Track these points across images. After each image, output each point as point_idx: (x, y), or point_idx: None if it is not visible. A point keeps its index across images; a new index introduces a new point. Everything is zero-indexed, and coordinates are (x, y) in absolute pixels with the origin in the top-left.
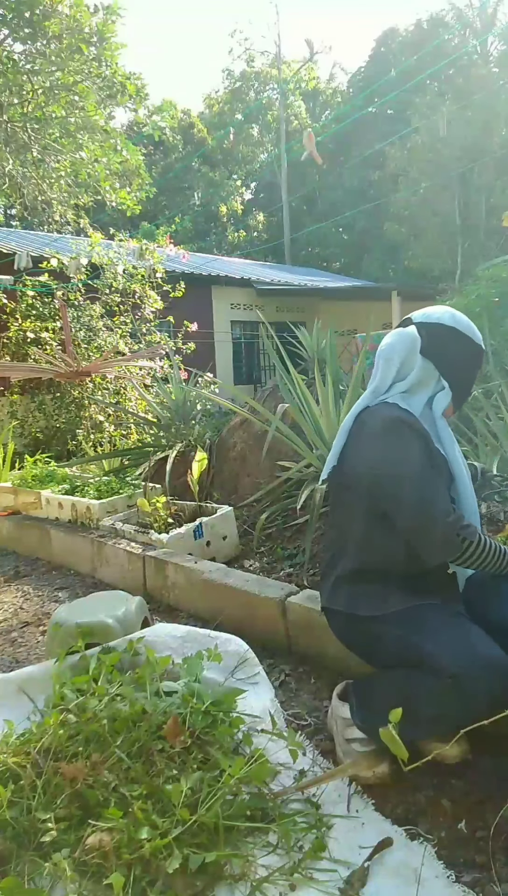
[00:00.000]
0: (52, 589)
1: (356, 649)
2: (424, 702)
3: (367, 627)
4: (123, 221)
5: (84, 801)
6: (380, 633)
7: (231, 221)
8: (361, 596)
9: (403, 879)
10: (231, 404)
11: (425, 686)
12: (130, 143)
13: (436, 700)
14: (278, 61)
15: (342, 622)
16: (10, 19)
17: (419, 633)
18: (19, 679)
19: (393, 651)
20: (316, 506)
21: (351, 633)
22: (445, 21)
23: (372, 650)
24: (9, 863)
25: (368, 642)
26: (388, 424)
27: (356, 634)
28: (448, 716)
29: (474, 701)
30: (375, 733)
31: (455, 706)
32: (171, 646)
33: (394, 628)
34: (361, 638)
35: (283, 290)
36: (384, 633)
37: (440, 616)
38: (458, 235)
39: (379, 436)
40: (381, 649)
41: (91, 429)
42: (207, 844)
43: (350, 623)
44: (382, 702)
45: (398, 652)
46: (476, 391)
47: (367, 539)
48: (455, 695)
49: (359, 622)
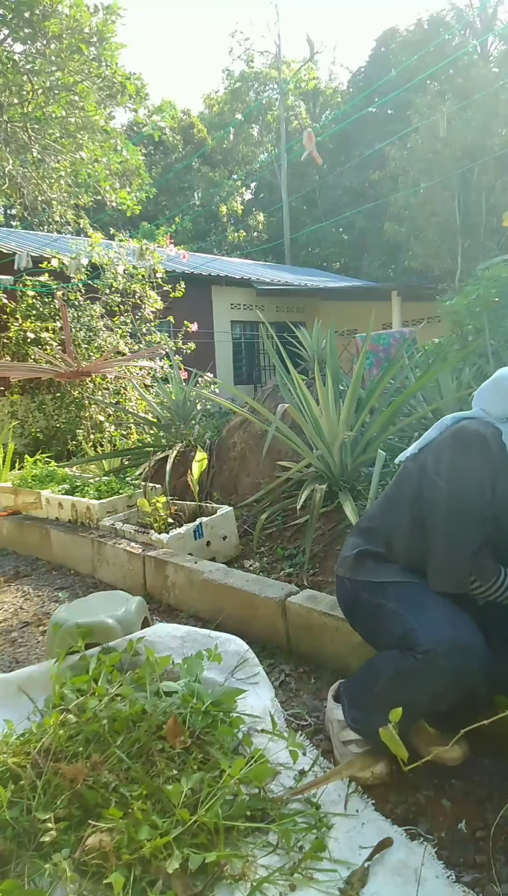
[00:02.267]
0: (52, 589)
1: (359, 623)
2: (398, 683)
3: (369, 598)
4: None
5: (84, 802)
6: (379, 605)
7: (231, 221)
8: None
9: (403, 879)
10: (231, 404)
11: (396, 667)
12: (130, 143)
13: (409, 678)
14: (278, 61)
15: (349, 589)
16: (10, 19)
17: (406, 606)
18: (19, 679)
19: (389, 626)
20: (316, 506)
21: (356, 602)
22: (445, 21)
23: (371, 624)
24: (9, 863)
25: (368, 614)
26: (466, 435)
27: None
28: (420, 693)
29: (440, 674)
30: (367, 733)
31: (424, 682)
32: (171, 646)
33: (391, 601)
34: (364, 608)
35: (283, 290)
36: (382, 606)
37: (432, 595)
38: (458, 235)
39: (452, 442)
40: (379, 623)
41: (91, 429)
42: (207, 844)
43: (355, 590)
44: (368, 697)
45: (392, 627)
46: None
47: (402, 530)
48: (424, 670)
49: (363, 590)
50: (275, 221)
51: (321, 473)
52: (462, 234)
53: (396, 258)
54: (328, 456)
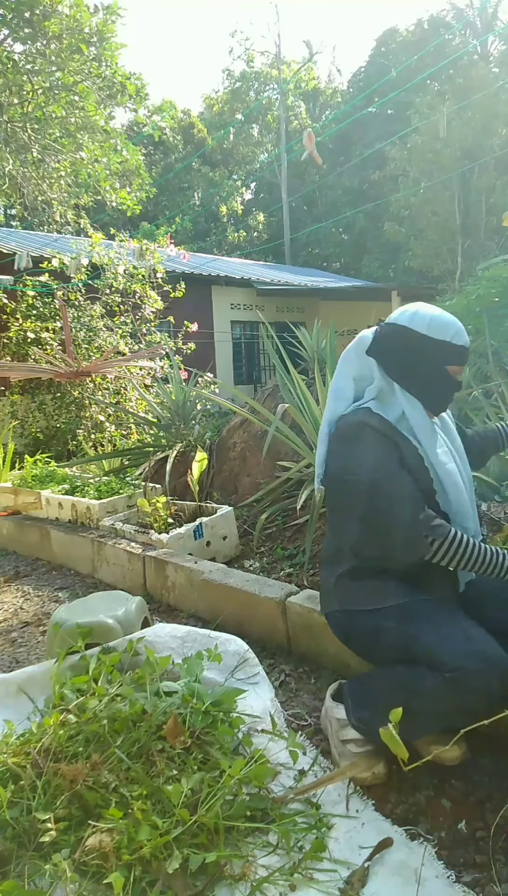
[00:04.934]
0: (52, 589)
1: (357, 647)
2: (422, 699)
3: (366, 623)
4: (123, 221)
5: (84, 802)
6: (379, 628)
7: (231, 221)
8: (359, 592)
9: (403, 879)
10: (231, 404)
11: (423, 683)
12: (129, 143)
13: (434, 697)
14: (278, 61)
15: (343, 621)
16: (10, 19)
17: (416, 626)
18: (19, 679)
19: (393, 645)
20: (316, 506)
21: (352, 630)
22: (445, 21)
23: (373, 646)
24: (9, 864)
25: (368, 638)
26: (350, 429)
27: (357, 632)
28: (445, 713)
29: (472, 696)
30: (371, 733)
31: (452, 702)
32: (171, 646)
33: (392, 622)
34: (361, 635)
35: (283, 290)
36: (384, 629)
37: (439, 611)
38: (458, 235)
39: (343, 440)
40: (381, 644)
41: (91, 429)
42: (207, 845)
43: (350, 620)
44: (379, 701)
45: (397, 645)
46: (475, 391)
47: (358, 539)
48: (454, 691)
49: (358, 618)
50: (275, 221)
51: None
52: (462, 234)
53: (396, 258)
54: None
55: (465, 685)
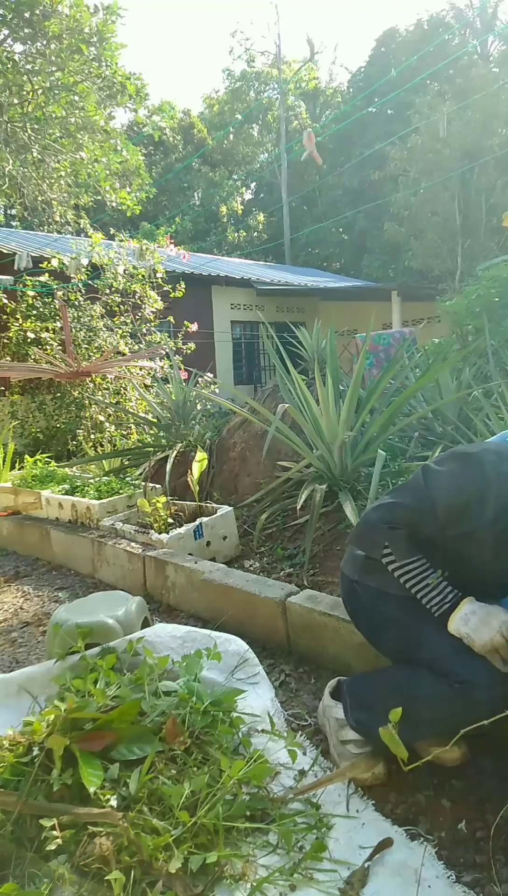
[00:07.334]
0: (52, 589)
1: (360, 621)
2: (423, 705)
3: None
4: (123, 221)
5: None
6: (384, 610)
7: (231, 221)
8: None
9: (403, 880)
10: (231, 404)
11: (426, 689)
12: (129, 143)
13: (437, 704)
14: (278, 61)
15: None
16: (10, 19)
17: (422, 624)
18: (20, 679)
19: (394, 630)
20: (316, 506)
21: (356, 600)
22: (445, 21)
23: (374, 625)
24: (9, 865)
25: (370, 614)
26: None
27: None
28: (449, 720)
29: (478, 707)
30: (370, 735)
31: (458, 711)
32: (171, 646)
33: (395, 609)
34: (364, 609)
35: (283, 290)
36: (385, 610)
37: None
38: (458, 235)
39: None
40: (383, 626)
41: (91, 429)
42: (207, 845)
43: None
44: (380, 702)
45: (398, 633)
46: (475, 391)
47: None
48: (461, 700)
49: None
50: (275, 221)
51: (321, 473)
52: (462, 234)
53: (396, 258)
54: (328, 456)
55: (472, 698)
